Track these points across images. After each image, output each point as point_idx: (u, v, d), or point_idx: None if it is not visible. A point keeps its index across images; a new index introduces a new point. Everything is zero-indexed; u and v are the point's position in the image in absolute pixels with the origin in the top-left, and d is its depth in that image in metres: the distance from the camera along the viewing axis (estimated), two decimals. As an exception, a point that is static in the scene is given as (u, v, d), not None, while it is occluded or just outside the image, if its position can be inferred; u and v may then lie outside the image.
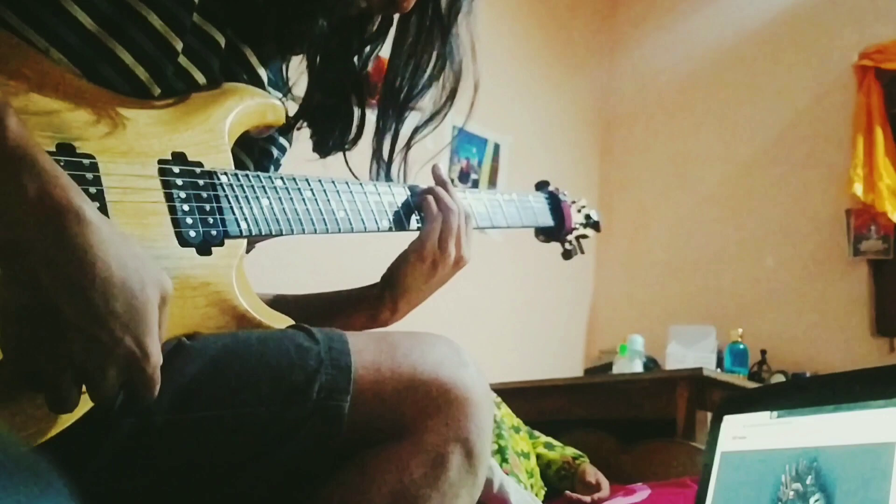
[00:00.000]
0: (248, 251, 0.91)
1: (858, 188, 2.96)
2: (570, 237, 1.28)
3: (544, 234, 1.28)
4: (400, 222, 0.94)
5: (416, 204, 0.95)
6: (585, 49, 4.07)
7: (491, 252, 3.49)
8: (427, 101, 0.95)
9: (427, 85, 0.93)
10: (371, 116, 0.95)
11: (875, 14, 3.16)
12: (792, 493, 0.57)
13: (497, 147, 3.54)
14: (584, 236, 1.32)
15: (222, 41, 0.81)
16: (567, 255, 1.30)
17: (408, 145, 0.96)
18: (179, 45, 0.76)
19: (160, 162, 0.71)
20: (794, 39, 3.39)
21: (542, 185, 1.29)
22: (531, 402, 2.79)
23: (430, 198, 0.93)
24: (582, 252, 1.32)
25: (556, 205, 1.25)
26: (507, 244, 3.54)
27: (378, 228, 0.91)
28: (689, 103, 3.75)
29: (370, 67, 0.98)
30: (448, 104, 0.95)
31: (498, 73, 3.62)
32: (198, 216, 0.71)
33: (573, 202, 1.28)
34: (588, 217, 1.32)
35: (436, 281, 0.95)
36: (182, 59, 0.77)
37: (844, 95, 3.16)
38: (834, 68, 3.23)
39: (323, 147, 0.96)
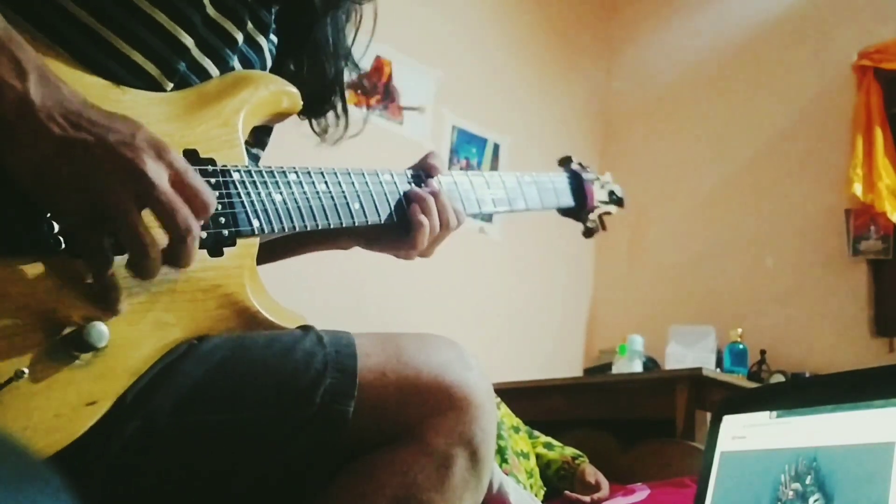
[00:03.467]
0: (267, 259, 0.90)
1: (858, 188, 2.95)
2: (592, 215, 1.25)
3: (564, 212, 1.24)
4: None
5: (409, 200, 0.92)
6: (585, 49, 4.07)
7: (491, 252, 3.49)
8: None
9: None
10: (361, 114, 0.97)
11: (875, 14, 3.16)
12: (791, 492, 0.57)
13: (497, 147, 3.54)
14: (608, 213, 1.29)
15: (239, 36, 0.81)
16: (588, 233, 1.27)
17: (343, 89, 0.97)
18: (190, 42, 0.76)
19: None
20: (793, 39, 3.39)
21: (565, 162, 1.25)
22: (531, 402, 2.79)
23: (417, 207, 0.90)
24: (604, 229, 1.29)
25: (578, 183, 1.21)
26: (507, 244, 3.54)
27: (394, 219, 0.89)
28: (689, 103, 3.75)
29: (370, 67, 0.98)
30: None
31: (498, 73, 3.62)
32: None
33: (596, 179, 1.25)
34: (612, 193, 1.29)
35: None
36: (196, 53, 0.77)
37: (844, 95, 3.16)
38: (833, 68, 3.23)
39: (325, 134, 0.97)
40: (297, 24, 0.91)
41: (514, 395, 2.56)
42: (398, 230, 0.91)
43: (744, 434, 0.65)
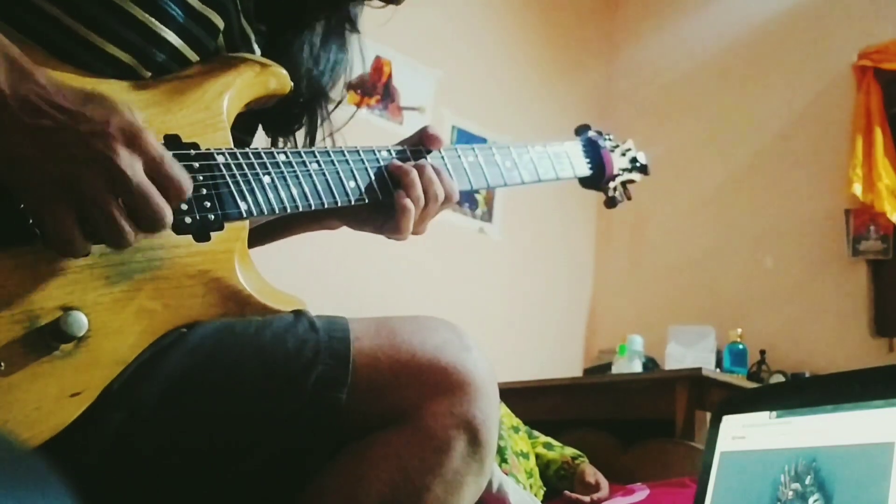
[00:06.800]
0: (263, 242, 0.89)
1: (857, 188, 2.95)
2: (612, 184, 1.20)
3: (584, 183, 1.19)
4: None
5: (391, 173, 0.86)
6: (584, 49, 4.07)
7: (490, 251, 3.49)
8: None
9: (340, 73, 0.95)
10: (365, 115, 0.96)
11: (874, 14, 3.16)
12: (791, 492, 0.57)
13: (496, 147, 3.54)
14: (631, 181, 1.23)
15: (221, 24, 0.80)
16: (611, 202, 1.21)
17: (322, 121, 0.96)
18: (170, 34, 0.75)
19: None
20: (793, 39, 3.39)
21: (581, 130, 1.19)
22: (530, 402, 2.79)
23: (400, 188, 0.85)
24: (629, 198, 1.23)
25: (594, 151, 1.16)
26: (506, 244, 3.54)
27: (391, 196, 0.85)
28: (689, 103, 3.75)
29: (370, 68, 0.98)
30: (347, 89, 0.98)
31: (498, 73, 3.62)
32: (193, 201, 0.69)
33: (616, 146, 1.20)
34: (634, 161, 1.23)
35: None
36: (178, 44, 0.76)
37: (844, 95, 3.16)
38: (833, 68, 3.23)
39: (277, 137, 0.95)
40: (277, 38, 0.90)
41: (514, 395, 2.56)
42: (385, 210, 0.87)
43: (744, 434, 0.65)
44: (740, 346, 2.94)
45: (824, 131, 3.21)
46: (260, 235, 0.92)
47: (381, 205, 0.86)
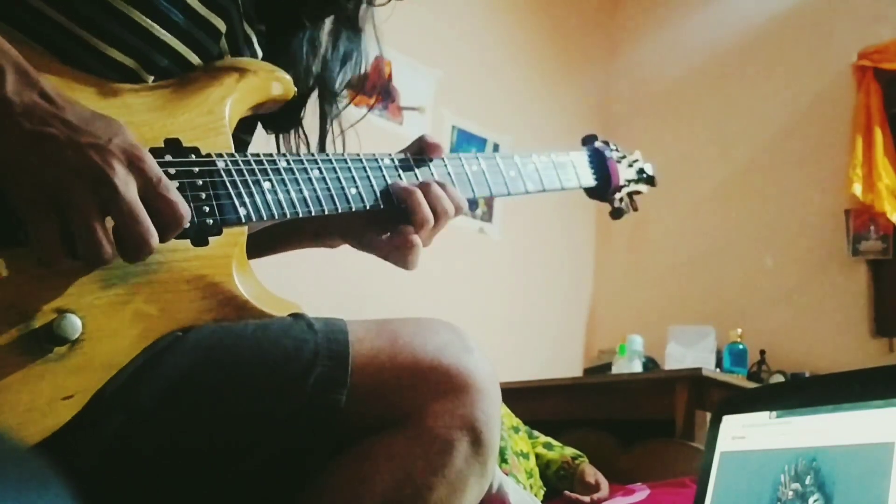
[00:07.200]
0: (262, 253, 0.89)
1: (857, 188, 2.95)
2: (618, 195, 1.18)
3: (589, 193, 1.18)
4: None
5: (395, 195, 0.86)
6: (584, 49, 4.07)
7: (491, 252, 3.49)
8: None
9: (349, 72, 0.96)
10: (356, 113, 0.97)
11: (874, 14, 3.16)
12: (791, 492, 0.57)
13: (496, 147, 3.54)
14: (638, 192, 1.22)
15: (223, 27, 0.80)
16: (617, 213, 1.20)
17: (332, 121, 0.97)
18: (170, 38, 0.75)
19: (151, 152, 0.67)
20: (793, 39, 3.39)
21: (588, 140, 1.18)
22: (530, 402, 2.79)
23: (410, 228, 0.85)
24: (635, 209, 1.22)
25: (600, 161, 1.15)
26: (506, 244, 3.54)
27: (394, 207, 0.85)
28: (688, 103, 3.75)
29: (369, 68, 0.98)
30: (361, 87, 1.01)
31: (498, 73, 3.62)
32: (192, 206, 0.68)
33: (622, 157, 1.19)
34: (641, 171, 1.22)
35: None
36: (179, 47, 0.76)
37: (843, 95, 3.16)
38: (833, 68, 3.23)
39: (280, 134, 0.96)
40: (276, 36, 0.90)
41: (514, 395, 2.56)
42: (387, 225, 0.86)
43: (743, 434, 0.65)
44: (740, 346, 2.94)
45: (824, 131, 3.21)
46: (257, 248, 0.92)
47: (383, 218, 0.86)
